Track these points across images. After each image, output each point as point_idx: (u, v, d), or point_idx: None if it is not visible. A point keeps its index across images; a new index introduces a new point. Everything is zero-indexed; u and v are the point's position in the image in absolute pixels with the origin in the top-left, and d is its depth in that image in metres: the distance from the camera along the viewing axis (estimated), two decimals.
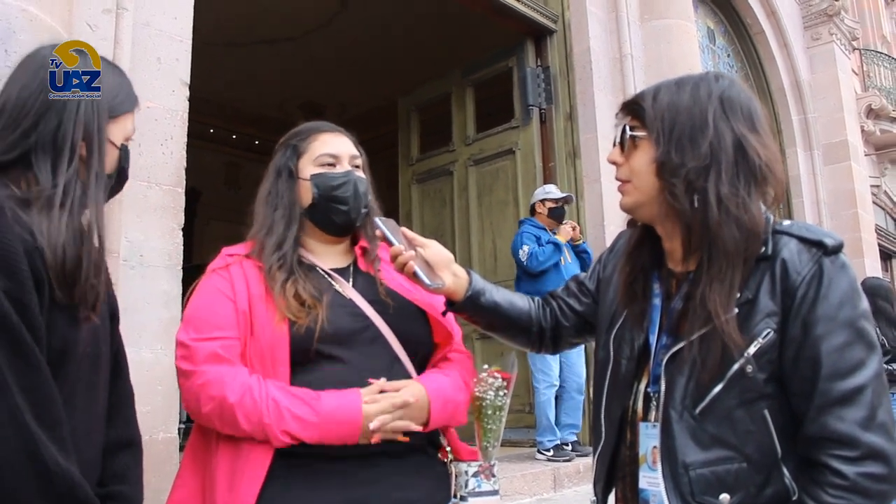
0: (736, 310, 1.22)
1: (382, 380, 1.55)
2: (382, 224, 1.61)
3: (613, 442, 1.39)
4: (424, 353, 1.71)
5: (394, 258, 1.56)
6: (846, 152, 9.85)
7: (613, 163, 1.39)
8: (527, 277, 5.34)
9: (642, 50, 6.59)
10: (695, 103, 1.29)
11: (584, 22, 6.34)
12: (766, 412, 1.22)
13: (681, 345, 1.27)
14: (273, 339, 1.56)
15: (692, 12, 7.22)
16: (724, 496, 1.20)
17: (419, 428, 1.56)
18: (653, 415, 1.32)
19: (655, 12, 6.70)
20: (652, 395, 1.33)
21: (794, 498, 1.20)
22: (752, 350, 1.21)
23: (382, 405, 1.51)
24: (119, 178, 1.44)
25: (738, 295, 1.23)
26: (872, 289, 5.74)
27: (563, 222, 5.41)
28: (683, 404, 1.25)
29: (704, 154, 1.25)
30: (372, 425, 1.49)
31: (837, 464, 1.14)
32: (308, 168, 1.75)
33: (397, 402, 1.52)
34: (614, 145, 1.41)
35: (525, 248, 5.26)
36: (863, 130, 11.42)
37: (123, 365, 1.53)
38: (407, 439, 1.55)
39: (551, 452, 5.04)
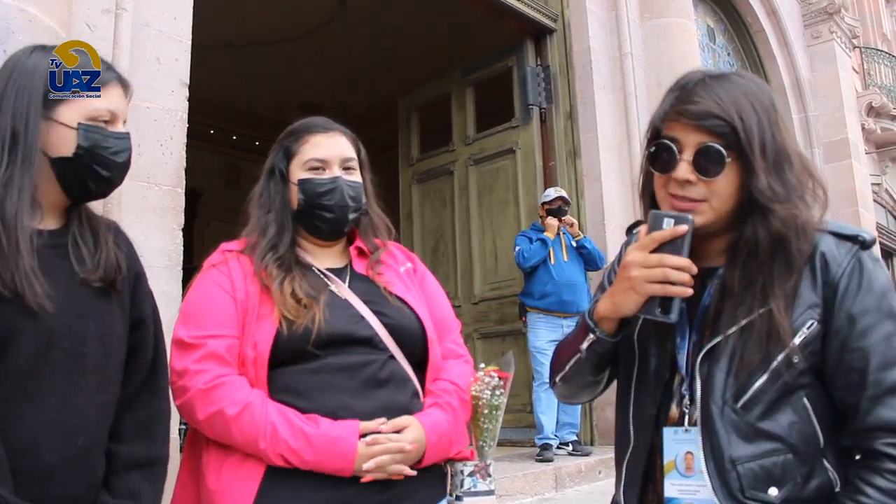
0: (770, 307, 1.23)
1: (383, 419, 1.54)
2: (692, 224, 1.25)
3: (648, 445, 1.33)
4: (420, 351, 1.71)
5: (679, 268, 1.24)
6: (847, 150, 9.83)
7: (685, 181, 1.26)
8: (525, 278, 5.42)
9: (642, 48, 6.59)
10: (774, 126, 1.28)
11: (583, 21, 6.34)
12: (806, 401, 1.22)
13: (718, 339, 1.25)
14: (260, 335, 1.56)
15: (692, 11, 7.22)
16: (773, 490, 1.19)
17: (412, 472, 1.55)
18: (686, 419, 1.28)
19: (655, 11, 6.70)
20: (684, 396, 1.29)
21: (837, 489, 1.19)
22: (797, 341, 1.21)
23: (378, 449, 1.50)
24: (90, 158, 1.39)
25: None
26: None
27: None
28: (724, 399, 1.23)
29: (793, 179, 1.27)
30: (365, 466, 1.49)
31: (894, 451, 1.15)
32: (297, 172, 1.73)
33: (393, 448, 1.51)
34: (659, 161, 1.30)
35: (517, 248, 5.41)
36: (863, 128, 11.40)
37: (161, 380, 1.53)
38: (401, 477, 1.54)
39: (537, 451, 5.06)
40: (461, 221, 6.67)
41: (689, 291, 1.24)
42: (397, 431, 1.54)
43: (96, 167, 1.40)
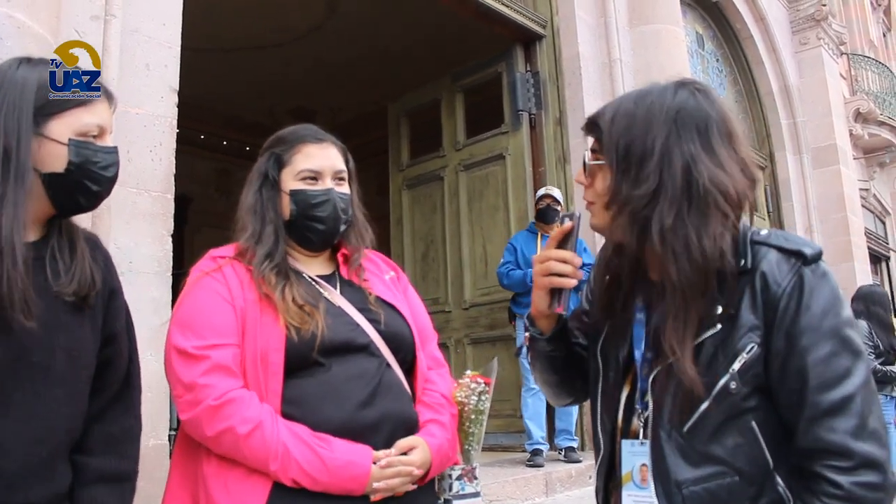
0: (712, 330, 1.21)
1: (394, 451, 1.56)
2: (579, 220, 1.37)
3: (609, 454, 1.37)
4: (411, 358, 1.72)
5: (566, 261, 1.35)
6: (835, 156, 9.91)
7: (580, 183, 1.35)
8: None
9: (631, 55, 6.62)
10: (647, 127, 1.24)
11: (572, 27, 6.37)
12: (754, 423, 1.21)
13: (660, 366, 1.26)
14: (268, 345, 1.55)
15: (680, 17, 7.26)
16: None
17: (413, 488, 1.58)
18: (641, 432, 1.30)
19: (644, 17, 6.73)
20: (640, 410, 1.31)
21: None
22: (736, 366, 1.19)
23: (391, 472, 1.53)
24: (81, 174, 1.40)
25: (715, 316, 1.21)
26: (867, 295, 6.09)
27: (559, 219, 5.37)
28: (671, 423, 1.23)
29: (649, 183, 1.21)
30: (375, 485, 1.51)
31: (832, 474, 1.13)
32: (289, 181, 1.72)
33: (405, 472, 1.54)
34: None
35: (502, 261, 5.39)
36: (851, 134, 11.49)
37: (134, 396, 1.53)
38: (402, 493, 1.56)
39: (527, 456, 5.05)
40: (451, 227, 6.67)
41: (571, 282, 1.34)
42: (404, 453, 1.57)
43: (87, 182, 1.41)
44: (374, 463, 1.51)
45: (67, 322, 1.39)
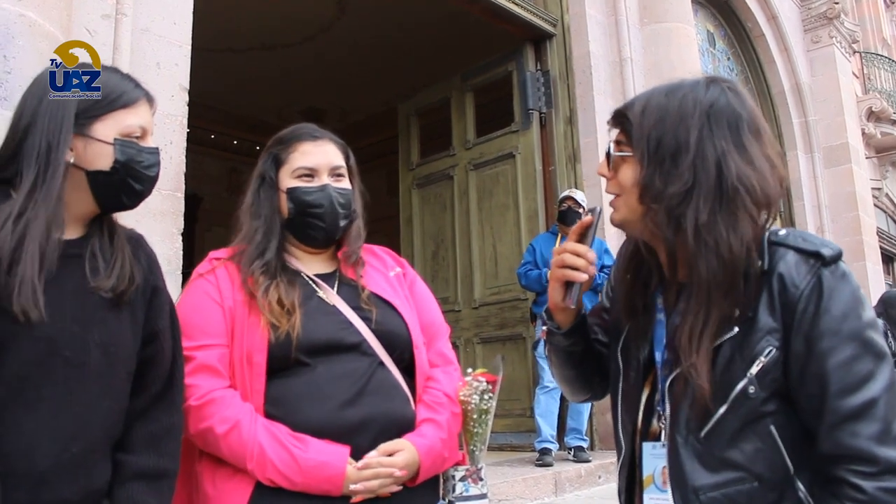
0: (730, 333, 1.19)
1: (375, 453, 1.54)
2: (599, 215, 1.40)
3: (630, 455, 1.35)
4: (409, 356, 1.71)
5: (579, 255, 1.36)
6: (847, 155, 9.85)
7: (602, 175, 1.34)
8: None
9: (642, 53, 6.60)
10: (681, 121, 1.23)
11: (583, 26, 6.36)
12: (773, 428, 1.18)
13: (679, 370, 1.23)
14: (252, 345, 1.56)
15: (692, 16, 7.23)
16: None
17: (399, 489, 1.56)
18: (662, 433, 1.28)
19: (655, 16, 6.71)
20: (660, 412, 1.29)
21: None
22: (754, 370, 1.17)
23: (368, 474, 1.51)
24: (125, 172, 1.43)
25: (733, 319, 1.19)
26: (888, 299, 6.13)
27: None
28: (688, 427, 1.21)
29: (685, 178, 1.20)
30: (352, 487, 1.50)
31: (856, 479, 1.11)
32: (286, 180, 1.74)
33: (384, 474, 1.52)
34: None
35: (522, 262, 5.40)
36: (863, 133, 11.42)
37: (176, 395, 1.53)
38: (389, 494, 1.55)
39: (536, 456, 5.04)
40: (461, 226, 6.67)
41: (582, 277, 1.34)
42: (390, 454, 1.55)
43: (131, 181, 1.44)
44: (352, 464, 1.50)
45: (104, 318, 1.39)
